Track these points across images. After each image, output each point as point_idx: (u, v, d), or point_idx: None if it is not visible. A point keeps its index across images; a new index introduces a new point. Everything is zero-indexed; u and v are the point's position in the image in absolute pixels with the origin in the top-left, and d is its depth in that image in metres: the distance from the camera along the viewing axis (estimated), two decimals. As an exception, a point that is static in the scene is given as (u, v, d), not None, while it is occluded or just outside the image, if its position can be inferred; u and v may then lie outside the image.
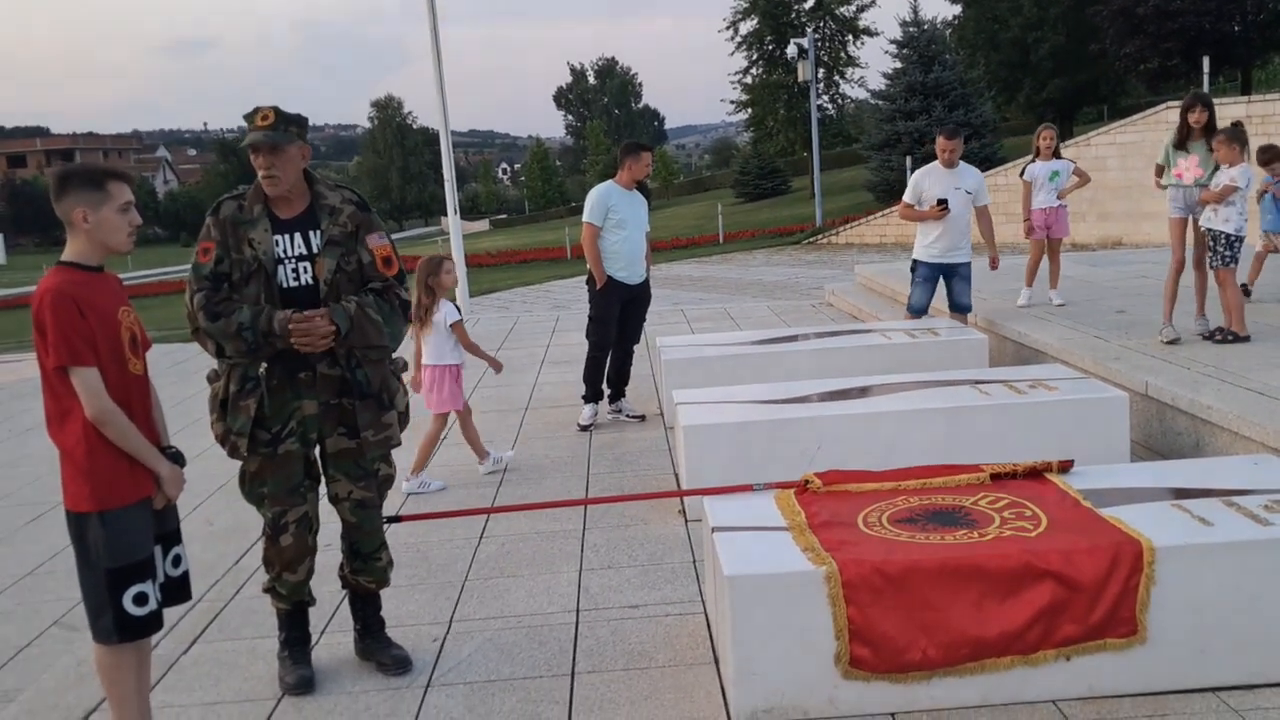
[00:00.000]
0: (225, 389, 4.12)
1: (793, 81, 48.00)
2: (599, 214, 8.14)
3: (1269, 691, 3.78)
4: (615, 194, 8.21)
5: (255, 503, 4.27)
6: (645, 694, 4.07)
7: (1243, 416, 5.71)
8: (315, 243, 4.13)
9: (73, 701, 4.36)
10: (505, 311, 18.09)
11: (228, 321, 4.02)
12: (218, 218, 4.10)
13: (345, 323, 4.05)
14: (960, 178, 8.90)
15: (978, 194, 8.93)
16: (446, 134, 16.60)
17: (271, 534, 4.25)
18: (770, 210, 48.14)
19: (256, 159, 4.04)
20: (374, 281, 4.20)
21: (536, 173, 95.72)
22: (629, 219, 8.15)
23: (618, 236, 8.14)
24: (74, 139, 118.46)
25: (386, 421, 4.26)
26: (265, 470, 4.18)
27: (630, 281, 8.25)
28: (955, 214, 8.80)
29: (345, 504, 4.29)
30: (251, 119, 4.08)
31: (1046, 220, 10.09)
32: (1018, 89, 45.99)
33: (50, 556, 6.41)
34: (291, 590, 4.32)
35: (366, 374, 4.20)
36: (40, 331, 3.44)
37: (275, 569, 4.29)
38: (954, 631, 3.77)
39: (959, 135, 8.94)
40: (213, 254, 4.07)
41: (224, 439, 4.16)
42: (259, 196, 4.12)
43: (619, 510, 6.20)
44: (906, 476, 4.65)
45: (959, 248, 8.90)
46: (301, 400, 4.15)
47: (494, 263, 35.95)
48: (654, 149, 8.57)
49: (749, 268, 26.65)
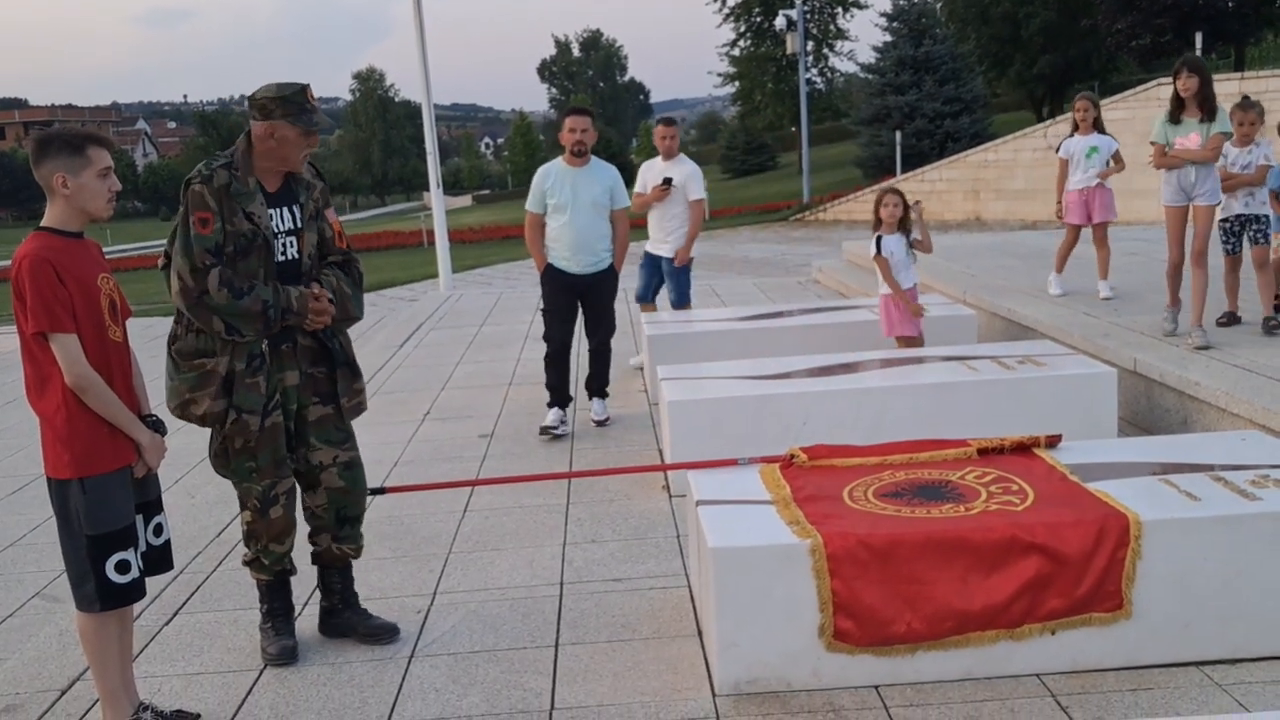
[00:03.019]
0: (229, 366, 4.03)
1: (781, 54, 47.81)
2: (536, 199, 7.29)
3: (1252, 666, 3.79)
4: (554, 173, 7.26)
5: (241, 478, 4.20)
6: (629, 665, 4.07)
7: (1230, 393, 5.72)
8: (298, 217, 4.16)
9: (55, 671, 4.34)
10: (488, 287, 18.03)
11: (252, 299, 3.97)
12: (211, 186, 3.98)
13: (335, 298, 4.16)
14: (675, 169, 8.67)
15: (686, 186, 8.63)
16: (429, 107, 16.50)
17: (260, 507, 4.19)
18: (757, 186, 48.07)
19: (310, 140, 4.07)
20: (333, 255, 4.30)
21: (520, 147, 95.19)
22: (570, 201, 7.13)
23: (557, 222, 7.20)
24: (52, 110, 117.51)
25: (358, 388, 4.36)
26: (257, 444, 4.13)
27: (575, 270, 7.22)
28: (661, 206, 8.60)
29: (332, 469, 4.28)
30: (303, 98, 4.05)
31: (1085, 202, 8.85)
32: (1008, 64, 45.92)
33: (31, 529, 6.39)
34: (275, 560, 4.29)
35: (340, 342, 4.29)
36: (19, 297, 3.42)
37: (262, 541, 4.25)
38: (939, 605, 3.77)
39: (675, 123, 8.74)
40: (212, 225, 3.97)
41: (221, 417, 4.04)
42: (250, 169, 4.07)
43: (603, 485, 6.18)
44: (893, 451, 4.64)
45: (664, 241, 8.73)
46: (284, 372, 4.16)
47: (477, 238, 35.78)
48: (589, 112, 7.43)
49: (735, 244, 26.61)
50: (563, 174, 7.21)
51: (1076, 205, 8.92)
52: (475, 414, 8.10)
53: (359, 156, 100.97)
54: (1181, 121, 6.87)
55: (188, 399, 4.05)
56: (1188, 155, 6.76)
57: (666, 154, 8.76)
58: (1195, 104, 6.82)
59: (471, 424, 7.81)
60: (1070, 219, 8.98)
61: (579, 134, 7.15)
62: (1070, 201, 8.96)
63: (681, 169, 8.71)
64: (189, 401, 4.05)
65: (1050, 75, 44.66)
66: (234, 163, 4.06)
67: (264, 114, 4.02)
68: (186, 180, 4.02)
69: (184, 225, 3.97)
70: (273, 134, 4.02)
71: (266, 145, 4.05)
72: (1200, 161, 6.75)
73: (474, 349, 10.84)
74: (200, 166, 4.05)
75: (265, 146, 4.06)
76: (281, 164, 4.10)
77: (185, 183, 4.02)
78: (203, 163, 4.07)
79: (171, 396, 4.09)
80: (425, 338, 11.76)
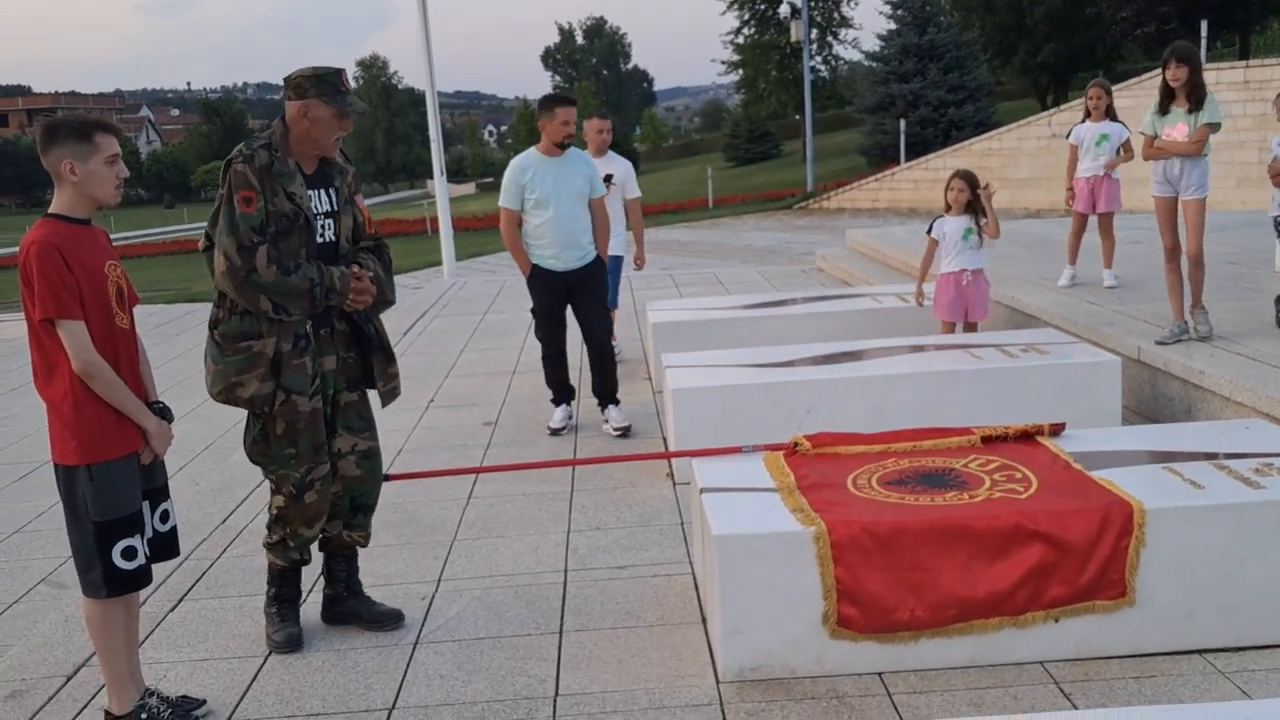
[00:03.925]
0: (276, 347, 4.02)
1: (785, 42, 47.77)
2: (513, 195, 6.80)
3: (1255, 654, 3.80)
4: (533, 166, 6.77)
5: (280, 465, 4.14)
6: (632, 652, 4.08)
7: (1234, 382, 5.72)
8: (335, 200, 4.20)
9: (61, 657, 4.35)
10: (492, 275, 18.04)
11: (299, 277, 3.97)
12: (253, 166, 3.97)
13: (374, 280, 4.20)
14: (613, 165, 8.36)
15: (625, 184, 8.36)
16: (433, 95, 16.49)
17: (296, 493, 4.15)
18: (761, 174, 48.02)
19: (344, 122, 4.11)
20: (364, 240, 4.33)
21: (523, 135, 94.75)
22: (553, 194, 6.70)
23: (539, 218, 6.76)
24: (55, 98, 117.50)
25: (393, 372, 4.38)
26: (299, 429, 4.11)
27: (563, 268, 6.83)
28: None
29: (350, 458, 4.29)
30: (338, 80, 4.09)
31: (1091, 191, 8.84)
32: (1013, 52, 45.75)
33: (37, 515, 6.40)
34: (302, 545, 4.28)
35: (376, 327, 4.32)
36: (26, 284, 3.42)
37: (293, 525, 4.22)
38: (942, 592, 3.78)
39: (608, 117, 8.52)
40: (256, 203, 3.95)
41: (269, 399, 4.02)
42: (288, 150, 4.07)
43: (607, 473, 6.19)
44: (896, 439, 4.65)
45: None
46: (323, 356, 4.17)
47: (480, 226, 35.71)
48: (575, 101, 6.95)
49: (739, 232, 26.60)
50: (543, 165, 6.77)
51: (1083, 193, 8.89)
52: (479, 401, 8.11)
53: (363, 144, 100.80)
54: (1170, 111, 6.70)
55: (234, 382, 4.02)
56: (1173, 148, 6.60)
57: (599, 150, 8.33)
58: (1184, 94, 6.60)
59: (476, 411, 7.82)
60: (1076, 206, 8.96)
61: (571, 125, 6.76)
62: (1077, 189, 8.93)
63: (619, 166, 8.47)
64: (236, 384, 4.02)
65: (1055, 63, 44.50)
66: (273, 144, 4.06)
67: (299, 93, 4.03)
68: (228, 160, 4.00)
69: (228, 205, 3.95)
70: (306, 113, 4.03)
71: (301, 126, 4.06)
72: (1185, 154, 6.59)
73: (478, 337, 10.85)
74: (240, 147, 4.05)
75: (300, 128, 4.06)
76: (314, 146, 4.10)
77: (226, 163, 4.01)
78: (242, 143, 4.07)
79: (216, 381, 4.05)
80: (429, 325, 11.76)
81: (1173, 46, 6.72)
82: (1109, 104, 8.90)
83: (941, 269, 7.24)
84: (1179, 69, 6.56)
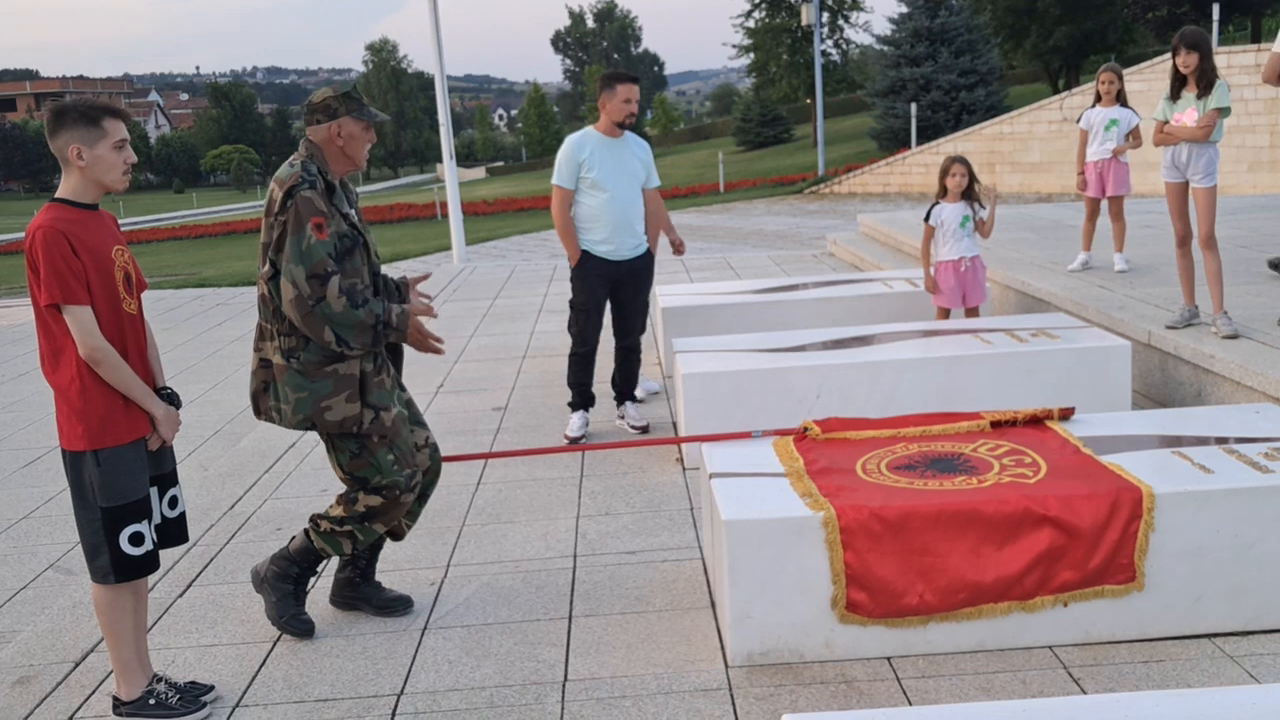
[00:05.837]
0: (361, 367, 4.05)
1: (796, 25, 47.60)
2: (568, 173, 6.40)
3: (1264, 638, 3.79)
4: (591, 144, 6.41)
5: (386, 474, 4.12)
6: (642, 637, 4.08)
7: (1245, 366, 5.69)
8: (360, 216, 4.24)
9: (69, 643, 4.37)
10: (502, 260, 18.01)
11: (366, 312, 3.95)
12: (318, 190, 3.94)
13: None
14: None
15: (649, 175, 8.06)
16: (442, 78, 16.44)
17: (399, 495, 4.15)
18: (772, 158, 47.89)
19: (371, 134, 4.13)
20: None
21: (534, 119, 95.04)
22: (610, 176, 6.38)
23: (595, 200, 6.40)
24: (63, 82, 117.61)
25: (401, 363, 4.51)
26: (391, 437, 4.15)
27: (615, 257, 6.50)
28: None
29: (424, 450, 4.36)
30: (359, 94, 4.13)
31: (1099, 175, 8.86)
32: (1024, 36, 45.56)
33: (45, 501, 6.42)
34: (368, 539, 4.24)
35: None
36: (33, 269, 3.42)
37: (378, 523, 4.20)
38: (951, 577, 3.77)
39: None
40: (328, 229, 3.92)
41: (358, 419, 4.03)
42: (327, 171, 4.06)
43: (616, 458, 6.19)
44: (906, 424, 4.64)
45: None
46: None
47: (490, 211, 35.74)
48: (638, 79, 6.60)
49: (750, 217, 26.54)
50: (601, 145, 6.41)
51: (1092, 178, 8.91)
52: (489, 387, 8.11)
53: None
54: (1181, 97, 6.63)
55: (323, 406, 4.00)
56: (1181, 133, 6.56)
57: None
58: (1194, 79, 6.55)
59: (485, 397, 7.82)
60: (1088, 192, 8.97)
61: (633, 104, 6.42)
62: (1087, 174, 8.95)
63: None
64: (324, 409, 4.00)
65: (1066, 47, 44.32)
66: (320, 168, 4.03)
67: (329, 114, 4.02)
68: (289, 188, 3.90)
69: (296, 233, 3.87)
70: (340, 132, 4.03)
71: (334, 147, 4.04)
72: (1192, 140, 6.53)
73: (488, 322, 10.85)
74: (297, 172, 3.95)
75: (333, 149, 4.05)
76: (349, 164, 4.10)
77: (288, 191, 3.90)
78: (293, 168, 3.98)
79: (300, 407, 4.01)
80: (438, 310, 11.75)
81: (1182, 32, 6.69)
82: (1120, 89, 8.91)
83: (940, 256, 7.17)
84: (1189, 55, 6.53)
